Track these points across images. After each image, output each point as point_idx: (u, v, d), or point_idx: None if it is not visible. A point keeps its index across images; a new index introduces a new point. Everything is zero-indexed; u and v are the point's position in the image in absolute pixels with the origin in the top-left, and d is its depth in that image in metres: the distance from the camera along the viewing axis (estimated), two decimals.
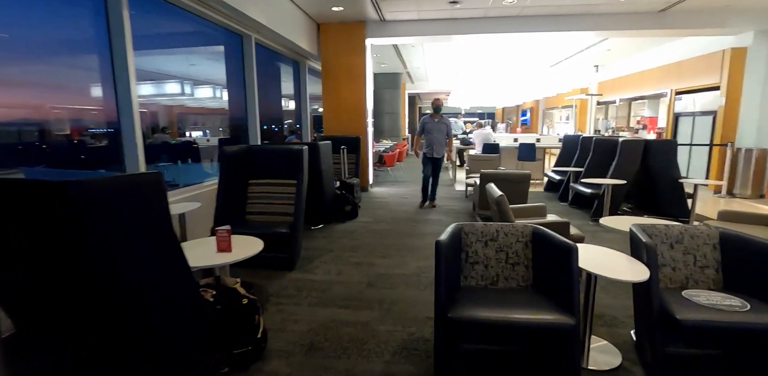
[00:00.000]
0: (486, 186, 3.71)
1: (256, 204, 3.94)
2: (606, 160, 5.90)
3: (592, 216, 5.46)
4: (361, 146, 7.15)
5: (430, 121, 5.93)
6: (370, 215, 5.69)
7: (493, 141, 8.10)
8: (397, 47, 9.09)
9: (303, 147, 3.76)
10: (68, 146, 4.26)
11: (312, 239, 4.50)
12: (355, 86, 7.31)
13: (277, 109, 8.49)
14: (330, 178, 5.16)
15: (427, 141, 5.96)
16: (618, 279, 1.89)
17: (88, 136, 4.65)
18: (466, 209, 6.01)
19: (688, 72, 8.03)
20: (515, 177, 4.93)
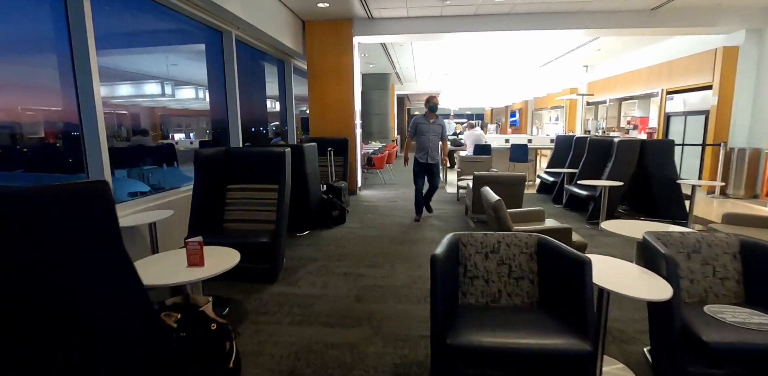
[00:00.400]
0: (481, 190, 3.49)
1: (235, 211, 3.66)
2: (601, 161, 5.74)
3: (589, 219, 5.28)
4: (349, 148, 6.90)
5: (424, 122, 5.21)
6: (359, 219, 5.44)
7: (485, 142, 7.91)
8: (385, 46, 8.86)
9: (285, 149, 3.50)
10: (28, 149, 3.94)
11: (297, 247, 4.23)
12: (343, 86, 7.05)
13: (262, 111, 8.20)
14: (316, 182, 4.90)
15: (419, 144, 5.30)
16: (639, 298, 1.67)
17: (55, 138, 4.34)
18: (458, 213, 5.79)
19: (679, 71, 7.95)
20: (510, 179, 4.73)
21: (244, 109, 7.51)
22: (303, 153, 4.46)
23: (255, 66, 7.55)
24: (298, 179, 4.51)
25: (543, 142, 8.93)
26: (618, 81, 10.39)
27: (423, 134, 5.23)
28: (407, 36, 6.98)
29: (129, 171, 6.14)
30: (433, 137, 5.24)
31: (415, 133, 5.28)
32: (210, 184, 3.58)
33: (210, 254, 2.61)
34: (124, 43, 5.81)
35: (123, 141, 6.96)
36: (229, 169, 3.71)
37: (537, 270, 2.03)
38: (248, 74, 7.74)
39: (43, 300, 1.27)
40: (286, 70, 7.47)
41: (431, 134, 5.22)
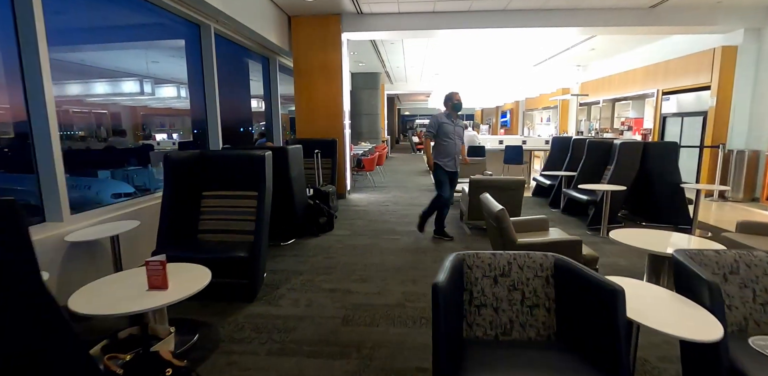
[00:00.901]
0: (481, 197, 3.20)
1: (210, 220, 3.32)
2: (600, 163, 5.51)
3: (590, 225, 5.04)
4: (338, 150, 6.58)
5: (448, 122, 4.38)
6: (348, 226, 5.12)
7: (478, 143, 7.65)
8: (375, 44, 8.56)
9: (266, 153, 3.17)
10: None
11: (280, 258, 3.89)
12: (331, 85, 6.73)
13: (246, 110, 7.83)
14: (301, 186, 4.57)
15: (444, 149, 4.39)
16: (686, 338, 1.39)
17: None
18: (452, 218, 5.50)
19: (675, 72, 7.79)
20: (508, 184, 4.45)
21: (227, 109, 7.12)
22: (287, 156, 4.13)
23: (238, 63, 7.19)
24: (282, 184, 4.18)
25: (537, 143, 8.71)
26: (612, 81, 10.23)
27: (448, 137, 4.37)
28: (398, 33, 6.68)
29: (113, 172, 5.86)
30: (458, 141, 4.50)
31: (437, 135, 4.42)
32: (182, 191, 3.23)
33: (177, 273, 2.27)
34: (98, 38, 5.43)
35: (103, 142, 6.61)
36: (203, 174, 3.36)
37: (554, 297, 1.74)
38: (231, 72, 7.37)
39: None
40: (271, 67, 7.11)
41: (457, 137, 4.44)
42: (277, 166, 4.05)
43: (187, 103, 7.77)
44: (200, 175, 3.35)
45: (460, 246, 4.25)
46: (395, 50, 9.43)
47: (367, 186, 8.32)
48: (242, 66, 7.33)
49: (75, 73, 5.72)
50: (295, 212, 4.36)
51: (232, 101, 7.66)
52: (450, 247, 4.23)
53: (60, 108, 6.83)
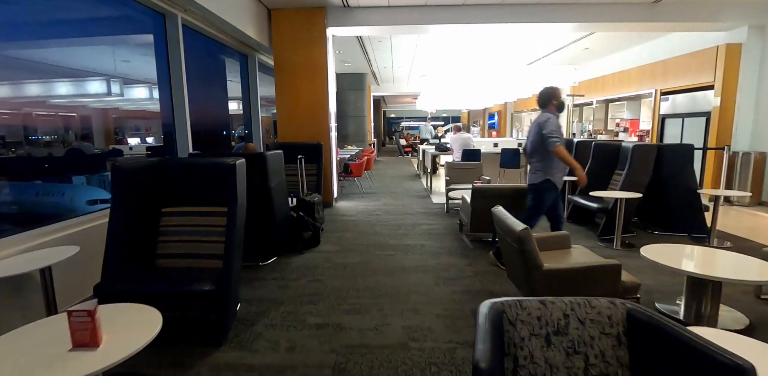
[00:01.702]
0: (494, 211, 2.72)
1: (171, 243, 2.76)
2: (607, 167, 5.12)
3: (601, 235, 4.62)
4: (324, 154, 6.06)
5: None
6: (336, 240, 4.59)
7: (473, 146, 7.22)
8: (362, 41, 8.07)
9: (237, 160, 2.63)
10: None
11: (258, 282, 3.35)
12: (315, 84, 6.21)
13: (224, 113, 7.25)
14: (282, 197, 4.03)
15: (558, 162, 3.45)
16: None
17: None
18: (450, 230, 5.03)
19: (675, 71, 7.50)
20: (515, 192, 4.00)
21: (203, 111, 6.55)
22: (265, 163, 3.59)
23: (214, 61, 6.61)
24: (261, 196, 3.65)
25: None
26: (605, 82, 9.95)
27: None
28: (387, 28, 6.20)
29: (89, 177, 5.56)
30: None
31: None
32: (137, 208, 2.67)
33: (117, 318, 1.74)
34: (57, 33, 4.86)
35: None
36: (164, 186, 2.81)
37: (628, 362, 1.26)
38: (206, 70, 6.78)
39: None
40: (249, 65, 6.55)
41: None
42: (253, 176, 3.52)
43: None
44: (159, 188, 2.79)
45: (463, 263, 3.77)
46: (383, 49, 8.96)
47: (355, 193, 7.80)
48: (218, 64, 6.76)
49: (36, 72, 5.14)
50: (275, 227, 3.82)
51: (209, 102, 7.08)
52: (452, 263, 3.74)
53: (19, 111, 6.07)
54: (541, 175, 3.50)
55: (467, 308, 2.80)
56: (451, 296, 3.03)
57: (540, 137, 3.41)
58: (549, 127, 3.37)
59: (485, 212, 4.09)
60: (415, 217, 5.73)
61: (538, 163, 3.51)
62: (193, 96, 6.59)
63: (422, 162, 10.38)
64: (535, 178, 3.55)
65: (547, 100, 3.54)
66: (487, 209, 4.11)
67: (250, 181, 3.18)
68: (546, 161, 3.46)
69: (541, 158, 3.48)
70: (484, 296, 3.04)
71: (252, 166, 3.53)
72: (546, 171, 3.48)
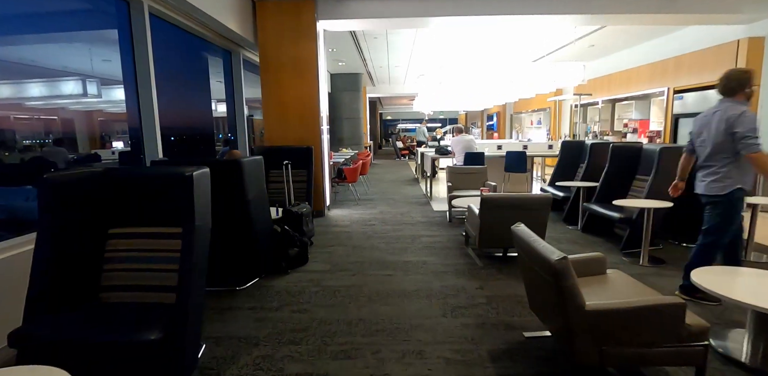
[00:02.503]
0: (516, 231, 2.22)
1: (118, 272, 2.24)
2: (627, 172, 4.64)
3: (624, 249, 4.13)
4: (315, 159, 5.55)
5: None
6: (326, 256, 4.07)
7: (476, 149, 6.72)
8: (356, 38, 7.58)
9: (195, 170, 2.11)
10: None
11: (230, 313, 2.82)
12: (305, 83, 5.70)
13: (206, 115, 6.73)
14: (263, 210, 3.51)
15: (744, 164, 2.70)
16: None
17: None
18: (454, 242, 4.52)
19: (690, 67, 7.04)
20: (531, 202, 3.50)
21: (181, 113, 6.07)
22: (241, 172, 3.07)
23: (195, 58, 6.10)
24: (236, 210, 3.13)
25: (539, 148, 7.84)
26: (612, 80, 9.49)
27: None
28: (384, 21, 5.70)
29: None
30: None
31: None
32: (74, 230, 2.15)
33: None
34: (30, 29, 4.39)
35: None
36: (111, 202, 2.29)
37: None
38: (186, 68, 6.27)
39: None
40: (234, 62, 6.04)
41: None
42: (227, 187, 3.01)
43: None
44: (105, 205, 2.27)
45: (472, 285, 3.25)
46: (379, 46, 8.47)
47: (349, 199, 7.28)
48: (200, 62, 6.24)
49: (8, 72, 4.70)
50: (255, 246, 3.30)
51: (190, 104, 6.55)
52: (460, 287, 3.23)
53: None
54: (731, 182, 2.71)
55: (483, 350, 2.29)
56: (462, 330, 2.52)
57: (729, 137, 2.65)
58: (746, 124, 2.57)
59: (496, 225, 3.60)
60: (415, 227, 5.22)
61: (724, 168, 2.74)
62: (172, 96, 6.07)
63: (421, 166, 9.89)
64: (720, 188, 2.74)
65: (738, 86, 2.74)
66: (498, 221, 3.60)
67: (223, 193, 2.67)
68: (735, 165, 2.71)
69: (727, 162, 2.73)
70: (501, 330, 2.52)
71: (226, 175, 3.02)
72: (737, 177, 2.71)
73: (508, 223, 3.65)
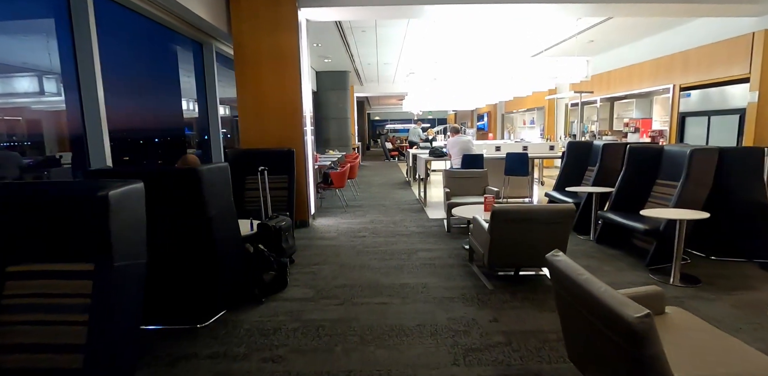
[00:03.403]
0: (554, 261, 1.66)
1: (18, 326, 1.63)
2: (647, 177, 4.15)
3: (650, 264, 3.62)
4: (297, 163, 4.96)
5: None
6: (309, 279, 3.48)
7: (475, 151, 6.19)
8: (342, 31, 6.99)
9: (120, 188, 1.51)
10: None
11: (183, 365, 2.22)
12: (286, 78, 5.10)
13: (176, 115, 6.06)
14: (230, 228, 2.91)
15: None
16: None
17: None
18: (456, 257, 3.97)
19: (698, 63, 6.63)
20: (551, 215, 2.96)
21: (147, 113, 5.46)
22: (199, 183, 2.47)
23: (160, 51, 5.45)
24: (194, 229, 2.54)
25: (539, 149, 7.35)
26: (612, 78, 9.08)
27: None
28: (371, 10, 5.13)
29: None
30: None
31: None
32: None
33: None
34: None
35: None
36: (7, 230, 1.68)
37: None
38: (150, 62, 5.61)
39: None
40: (205, 56, 5.41)
41: None
42: (181, 202, 2.41)
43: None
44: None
45: (485, 317, 2.70)
46: (367, 41, 7.90)
47: (336, 206, 6.70)
48: (167, 55, 5.59)
49: None
50: (218, 272, 2.70)
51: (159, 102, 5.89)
52: (470, 319, 2.68)
53: None
54: None
55: None
56: None
57: None
58: None
59: (509, 242, 3.05)
60: (411, 239, 4.66)
61: None
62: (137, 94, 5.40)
63: (413, 168, 9.34)
64: None
65: None
66: (511, 237, 3.06)
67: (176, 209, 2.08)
68: None
69: None
70: None
71: (180, 187, 2.42)
72: None
73: (522, 239, 3.13)
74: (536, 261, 3.22)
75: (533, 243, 3.02)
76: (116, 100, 4.83)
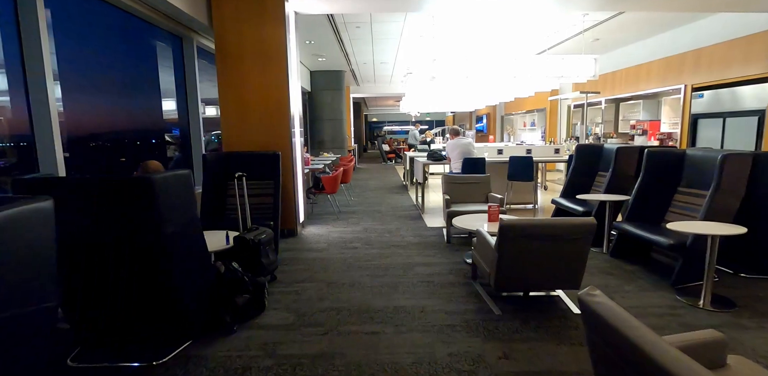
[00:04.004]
0: (591, 302, 1.25)
1: None
2: (667, 185, 3.77)
3: (676, 283, 3.23)
4: (284, 167, 4.55)
5: None
6: (291, 300, 3.07)
7: (476, 154, 5.79)
8: (336, 26, 6.60)
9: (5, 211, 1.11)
10: None
11: None
12: (272, 75, 4.71)
13: (156, 115, 5.64)
14: (194, 245, 2.50)
15: None
16: None
17: None
18: (458, 274, 3.56)
19: (712, 61, 6.26)
20: (569, 230, 2.56)
21: (124, 113, 5.08)
22: (152, 194, 2.06)
23: (137, 46, 5.04)
24: (148, 249, 2.12)
25: (543, 152, 6.96)
26: (617, 78, 8.72)
27: None
28: (364, 2, 4.75)
29: None
30: None
31: None
32: None
33: None
34: None
35: None
36: None
37: None
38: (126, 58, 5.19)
39: None
40: (185, 50, 5.00)
41: None
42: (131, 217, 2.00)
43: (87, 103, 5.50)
44: None
45: (493, 352, 2.30)
46: (362, 38, 7.51)
47: (328, 212, 6.29)
48: (145, 51, 5.18)
49: None
50: (179, 298, 2.28)
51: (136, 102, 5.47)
52: (476, 355, 2.27)
53: None
54: None
55: None
56: None
57: None
58: None
59: (520, 261, 2.65)
60: (407, 251, 4.26)
61: None
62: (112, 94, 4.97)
63: (410, 172, 8.95)
64: None
65: None
66: (522, 255, 2.66)
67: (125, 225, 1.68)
68: None
69: None
70: None
71: (128, 201, 2.01)
72: None
73: (535, 258, 2.70)
74: (551, 283, 2.82)
75: (548, 263, 2.62)
76: (87, 99, 4.41)
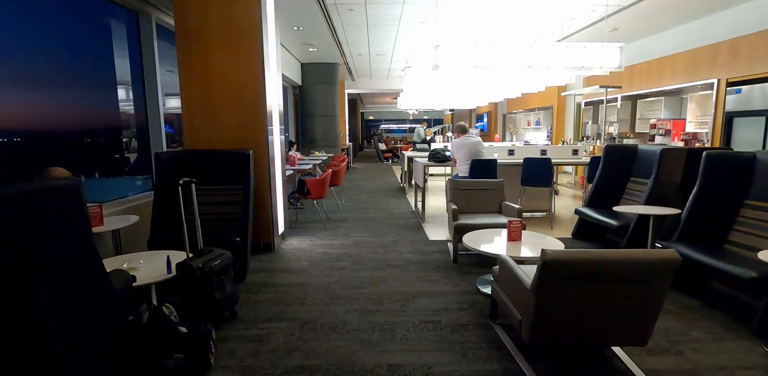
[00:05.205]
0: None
1: None
2: (731, 196, 3.01)
3: (761, 333, 2.46)
4: (257, 169, 3.76)
5: None
6: (249, 350, 2.28)
7: (485, 155, 5.01)
8: (325, 7, 5.78)
9: None
10: None
11: None
12: (243, 58, 3.90)
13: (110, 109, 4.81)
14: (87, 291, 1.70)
15: None
16: None
17: None
18: (471, 310, 2.78)
19: (750, 53, 5.52)
20: (642, 268, 1.78)
21: (64, 106, 4.32)
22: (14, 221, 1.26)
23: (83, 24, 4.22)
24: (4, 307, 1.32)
25: (559, 153, 6.19)
26: (635, 73, 7.98)
27: None
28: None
29: None
30: None
31: None
32: None
33: None
34: None
35: None
36: None
37: None
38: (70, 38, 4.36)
39: None
40: (142, 29, 4.19)
41: None
42: None
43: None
44: None
45: None
46: (356, 24, 6.71)
47: (315, 220, 5.49)
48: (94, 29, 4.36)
49: None
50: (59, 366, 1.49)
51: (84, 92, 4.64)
52: None
53: None
54: None
55: None
56: None
57: None
58: None
59: (566, 309, 1.88)
60: (406, 273, 3.48)
61: None
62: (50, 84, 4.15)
63: (408, 174, 8.18)
64: None
65: None
66: (570, 302, 1.88)
67: None
68: None
69: None
70: None
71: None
72: None
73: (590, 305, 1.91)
74: (607, 338, 2.04)
75: (606, 312, 1.85)
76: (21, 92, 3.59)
